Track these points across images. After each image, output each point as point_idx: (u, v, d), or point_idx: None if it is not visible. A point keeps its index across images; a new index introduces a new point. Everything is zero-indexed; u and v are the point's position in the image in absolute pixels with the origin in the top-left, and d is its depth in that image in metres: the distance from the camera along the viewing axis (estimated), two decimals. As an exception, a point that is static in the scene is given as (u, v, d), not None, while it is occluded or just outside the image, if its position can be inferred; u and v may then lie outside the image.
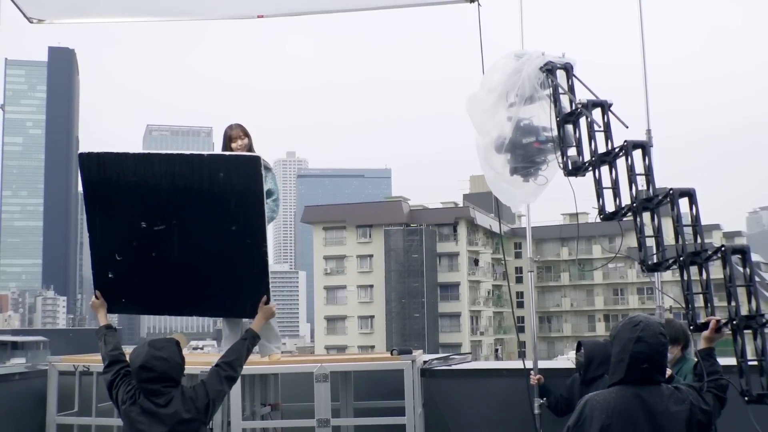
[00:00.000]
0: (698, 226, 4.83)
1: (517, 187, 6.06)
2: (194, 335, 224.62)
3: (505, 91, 5.91)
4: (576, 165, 5.58)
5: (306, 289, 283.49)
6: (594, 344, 6.42)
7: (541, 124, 5.85)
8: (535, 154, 5.89)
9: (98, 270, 4.83)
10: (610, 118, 5.44)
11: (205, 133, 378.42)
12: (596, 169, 5.37)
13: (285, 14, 8.20)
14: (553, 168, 5.94)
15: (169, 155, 4.60)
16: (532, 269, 7.82)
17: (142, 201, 4.64)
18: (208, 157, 4.59)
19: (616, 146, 5.26)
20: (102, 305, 4.87)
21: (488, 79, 6.11)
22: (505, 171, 5.98)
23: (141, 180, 4.59)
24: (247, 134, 7.13)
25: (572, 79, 5.83)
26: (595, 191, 5.38)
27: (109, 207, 4.70)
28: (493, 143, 5.97)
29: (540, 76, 5.84)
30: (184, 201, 4.60)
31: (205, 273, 4.75)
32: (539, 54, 5.94)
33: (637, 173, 5.11)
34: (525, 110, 5.87)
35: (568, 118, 5.68)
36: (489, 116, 5.99)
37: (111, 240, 4.76)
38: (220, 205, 4.59)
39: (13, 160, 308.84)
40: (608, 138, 5.39)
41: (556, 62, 5.86)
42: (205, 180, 4.55)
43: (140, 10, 8.01)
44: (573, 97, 5.70)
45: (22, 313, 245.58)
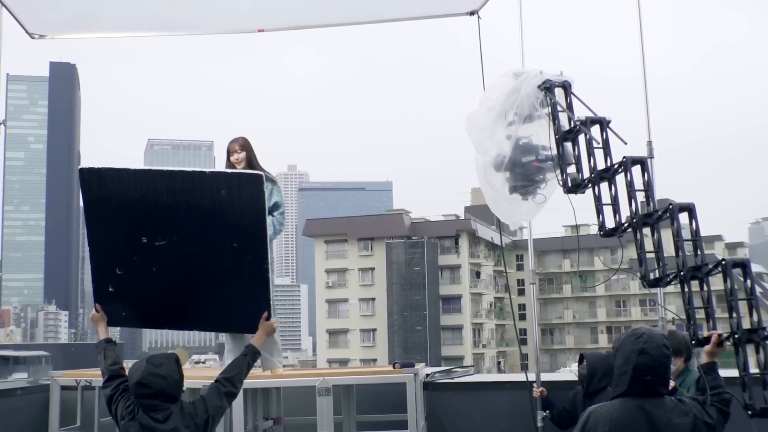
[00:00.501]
0: (698, 240, 4.84)
1: (516, 206, 6.10)
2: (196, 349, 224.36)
3: (504, 109, 5.95)
4: (575, 182, 5.61)
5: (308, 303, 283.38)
6: (596, 357, 6.40)
7: (540, 142, 5.89)
8: (534, 172, 5.93)
9: (98, 283, 4.83)
10: (608, 134, 5.46)
11: (206, 147, 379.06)
12: (596, 185, 5.39)
13: (285, 28, 8.23)
14: (551, 186, 5.98)
15: (170, 171, 4.60)
16: (534, 281, 7.81)
17: (143, 216, 4.63)
18: (210, 175, 4.59)
19: (615, 162, 5.28)
20: (102, 318, 4.86)
21: (487, 97, 6.14)
22: (504, 189, 6.02)
23: (142, 196, 4.58)
24: (246, 147, 7.13)
25: (570, 96, 5.86)
26: (595, 208, 5.40)
27: (110, 222, 4.69)
28: (492, 161, 6.00)
29: (538, 94, 5.88)
30: (185, 217, 4.60)
31: (205, 288, 4.74)
32: (537, 72, 5.98)
33: (636, 189, 5.13)
34: (524, 129, 5.91)
35: (567, 135, 5.71)
36: (488, 135, 6.02)
37: (111, 254, 4.75)
38: (221, 222, 4.58)
39: (14, 175, 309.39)
40: (607, 154, 5.42)
41: (555, 80, 5.89)
42: (207, 197, 4.55)
43: (141, 25, 8.04)
44: (571, 114, 5.74)
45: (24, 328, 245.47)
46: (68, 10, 7.62)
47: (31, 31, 7.68)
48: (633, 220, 5.09)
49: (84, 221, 4.76)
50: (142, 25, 8.04)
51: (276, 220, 7.06)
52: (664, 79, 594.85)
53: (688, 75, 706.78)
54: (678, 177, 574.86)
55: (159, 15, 7.82)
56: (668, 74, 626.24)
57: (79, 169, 4.65)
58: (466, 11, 7.76)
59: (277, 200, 7.09)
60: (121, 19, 7.84)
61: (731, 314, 4.58)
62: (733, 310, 4.59)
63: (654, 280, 5.02)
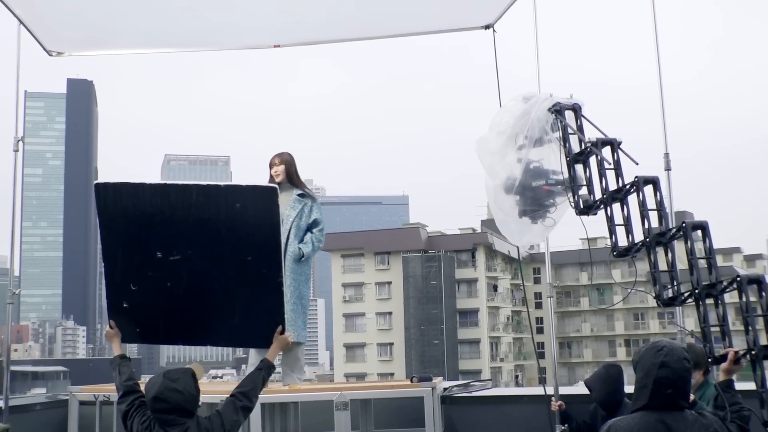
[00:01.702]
0: (712, 258, 4.85)
1: (526, 229, 6.14)
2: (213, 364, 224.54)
3: (514, 133, 6.00)
4: (587, 204, 5.65)
5: (325, 317, 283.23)
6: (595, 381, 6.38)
7: (551, 167, 5.93)
8: (543, 196, 5.97)
9: (113, 300, 4.83)
10: (620, 155, 5.49)
11: (222, 162, 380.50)
12: (608, 206, 5.41)
13: (301, 43, 8.26)
14: (561, 210, 6.02)
15: (185, 186, 4.61)
16: (552, 294, 7.78)
17: (157, 231, 4.64)
18: (224, 188, 4.60)
19: (627, 183, 5.31)
20: (116, 335, 4.86)
21: (497, 121, 6.19)
22: (514, 212, 6.07)
23: (157, 210, 4.59)
24: (287, 162, 7.30)
25: (581, 119, 5.90)
26: (608, 229, 5.41)
27: (125, 237, 4.70)
28: (502, 184, 6.04)
29: (549, 118, 5.92)
30: (200, 231, 4.60)
31: (220, 303, 4.74)
32: (547, 96, 6.03)
33: (649, 208, 5.14)
34: (534, 152, 5.95)
35: (578, 157, 5.75)
36: (498, 158, 6.07)
37: (126, 270, 4.76)
38: (236, 236, 4.59)
39: (32, 192, 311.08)
40: (619, 175, 5.46)
41: (565, 103, 5.94)
42: (222, 210, 4.56)
43: (157, 42, 8.09)
44: (582, 136, 5.77)
45: (42, 344, 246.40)
46: (85, 28, 7.67)
47: (48, 49, 7.72)
48: (646, 239, 5.10)
49: (100, 236, 4.77)
50: (159, 41, 8.09)
51: (314, 237, 7.16)
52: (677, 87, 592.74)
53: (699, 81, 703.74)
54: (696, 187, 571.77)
55: (175, 32, 7.86)
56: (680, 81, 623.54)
57: (95, 184, 4.66)
58: (481, 25, 7.76)
59: (316, 217, 7.21)
60: (137, 35, 7.88)
61: (747, 330, 4.57)
62: (749, 326, 4.57)
63: (668, 299, 5.03)
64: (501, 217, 6.19)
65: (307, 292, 7.25)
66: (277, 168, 7.26)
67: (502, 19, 7.65)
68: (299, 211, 7.18)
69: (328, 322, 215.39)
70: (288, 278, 6.81)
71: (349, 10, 7.63)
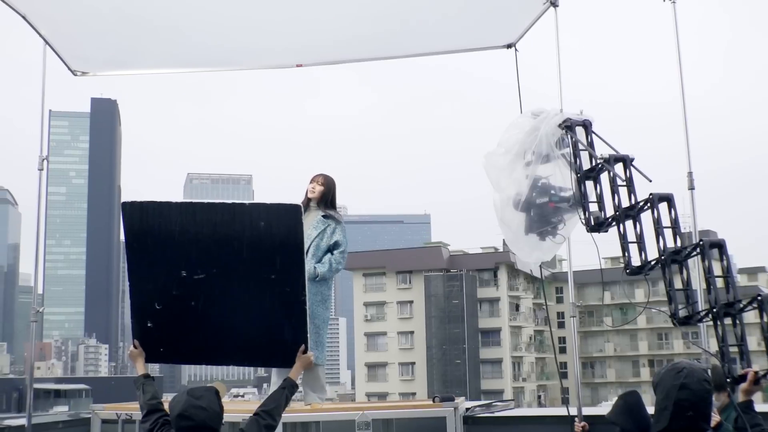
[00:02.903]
0: (730, 277, 4.81)
1: (535, 246, 6.13)
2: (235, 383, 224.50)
3: (523, 149, 5.99)
4: (598, 221, 5.61)
5: (346, 336, 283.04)
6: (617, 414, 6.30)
7: (558, 183, 5.91)
8: (550, 214, 5.95)
9: (137, 319, 4.85)
10: (632, 172, 5.46)
11: (245, 181, 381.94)
12: (620, 223, 5.38)
13: (323, 63, 8.30)
14: (570, 226, 6.00)
15: (210, 204, 4.64)
16: (574, 314, 7.73)
17: (182, 250, 4.66)
18: (249, 206, 4.62)
19: (640, 200, 5.28)
20: (140, 355, 4.88)
21: (506, 138, 6.19)
22: (521, 229, 6.05)
23: (182, 229, 4.62)
24: (327, 183, 7.32)
25: (591, 135, 5.87)
26: (620, 246, 5.38)
27: (150, 256, 4.73)
28: (510, 201, 6.04)
29: (557, 134, 5.90)
30: (224, 250, 4.63)
31: (244, 322, 4.75)
32: (557, 111, 6.03)
33: (663, 226, 5.11)
34: (542, 169, 5.94)
35: (588, 174, 5.73)
36: (506, 174, 6.07)
37: (151, 289, 4.78)
38: (259, 254, 4.60)
39: (56, 210, 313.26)
40: (631, 192, 5.42)
41: (575, 119, 5.91)
42: (246, 228, 4.58)
43: (180, 62, 8.16)
44: (593, 152, 5.74)
45: (65, 361, 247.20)
46: (109, 48, 7.75)
47: (73, 68, 7.80)
48: (661, 257, 5.06)
49: (125, 255, 4.80)
50: (181, 61, 8.16)
51: (334, 259, 7.16)
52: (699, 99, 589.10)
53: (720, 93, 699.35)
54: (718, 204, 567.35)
55: (197, 51, 7.92)
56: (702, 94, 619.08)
57: (122, 203, 4.70)
58: (503, 44, 7.77)
59: (338, 239, 7.22)
60: (160, 55, 7.95)
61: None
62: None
63: (684, 318, 4.99)
64: (509, 234, 6.20)
65: (324, 313, 7.22)
66: (315, 186, 7.29)
67: (524, 38, 7.66)
68: (321, 232, 7.20)
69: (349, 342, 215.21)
70: None
71: (371, 29, 7.67)
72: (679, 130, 6.73)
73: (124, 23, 7.30)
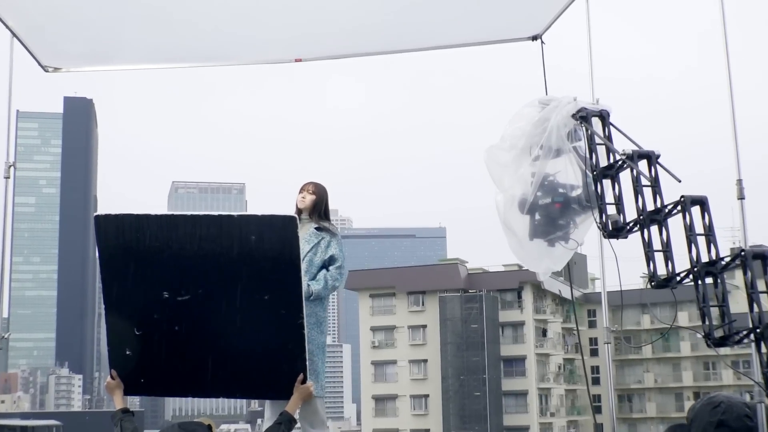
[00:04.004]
0: None
1: (542, 254, 6.07)
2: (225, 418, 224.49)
3: (529, 143, 5.94)
4: (617, 225, 5.55)
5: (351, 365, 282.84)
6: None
7: (569, 181, 5.85)
8: (557, 215, 5.89)
9: (114, 346, 4.85)
10: (658, 170, 5.40)
11: (236, 190, 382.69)
12: (645, 229, 5.32)
13: (326, 57, 8.30)
14: (583, 230, 5.94)
15: (194, 216, 4.64)
16: (609, 340, 7.70)
17: (164, 268, 4.67)
18: (238, 218, 4.62)
19: (669, 203, 5.23)
20: (118, 386, 4.88)
21: (510, 130, 6.13)
22: (526, 234, 5.99)
23: (163, 245, 4.62)
24: (318, 192, 7.34)
25: (609, 127, 5.80)
26: (645, 255, 5.33)
27: (128, 275, 4.73)
28: (514, 202, 5.98)
29: (570, 125, 5.84)
30: (211, 267, 4.63)
31: (234, 349, 4.75)
32: (570, 99, 5.94)
33: (697, 233, 5.06)
34: (551, 165, 5.88)
35: (606, 171, 5.66)
36: (511, 171, 6.02)
37: (129, 312, 4.79)
38: (251, 272, 4.61)
39: (24, 223, 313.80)
40: (656, 194, 5.36)
41: (591, 109, 5.84)
42: (235, 243, 4.58)
43: (167, 56, 8.16)
44: (613, 147, 5.68)
45: (33, 394, 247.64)
46: (86, 41, 7.74)
47: (44, 64, 7.81)
48: (694, 269, 5.01)
49: (100, 275, 4.80)
50: (168, 56, 8.16)
51: (329, 275, 7.17)
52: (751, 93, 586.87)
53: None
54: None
55: (185, 45, 7.93)
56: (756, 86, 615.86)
57: (95, 216, 4.70)
58: (528, 36, 7.78)
59: (333, 253, 7.23)
60: (143, 49, 7.96)
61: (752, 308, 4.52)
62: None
63: (720, 339, 4.94)
64: (513, 239, 6.14)
65: (319, 337, 7.22)
66: (306, 195, 7.32)
67: (551, 29, 7.66)
68: (314, 246, 7.22)
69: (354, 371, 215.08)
70: None
71: (379, 19, 7.67)
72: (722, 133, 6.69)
73: (102, 12, 7.30)
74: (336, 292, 7.88)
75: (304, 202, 7.31)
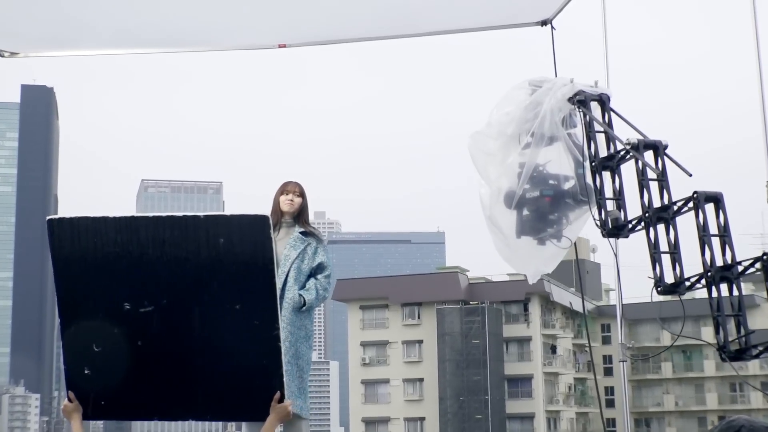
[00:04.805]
0: None
1: (531, 254, 6.02)
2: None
3: (519, 130, 5.89)
4: (618, 223, 5.50)
5: (339, 384, 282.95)
6: None
7: (562, 171, 5.81)
8: (548, 210, 5.84)
9: (71, 365, 4.82)
10: (665, 163, 5.37)
11: (213, 190, 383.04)
12: (650, 228, 5.28)
13: (312, 43, 8.30)
14: (577, 226, 5.90)
15: (156, 218, 4.62)
16: (625, 358, 7.71)
17: (125, 277, 4.64)
18: (205, 219, 4.60)
19: (678, 199, 5.20)
20: (77, 410, 4.85)
21: (498, 115, 6.09)
22: (512, 231, 5.94)
23: (123, 251, 4.60)
24: (303, 193, 7.41)
25: (609, 113, 5.76)
26: (650, 257, 5.30)
27: (85, 285, 4.71)
28: (501, 195, 5.93)
29: (565, 110, 5.79)
30: (175, 275, 4.61)
31: (203, 365, 4.73)
32: (566, 81, 5.89)
33: (711, 234, 5.04)
34: (543, 153, 5.83)
35: (606, 162, 5.61)
36: (497, 161, 5.97)
37: (87, 326, 4.76)
38: (220, 279, 4.59)
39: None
40: (664, 188, 5.32)
41: (589, 92, 5.79)
42: (202, 247, 4.56)
43: (135, 40, 8.14)
44: (615, 135, 5.63)
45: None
46: (47, 22, 7.71)
47: (0, 49, 7.80)
48: (707, 273, 4.99)
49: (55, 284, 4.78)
50: (137, 39, 8.13)
51: (319, 284, 7.27)
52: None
53: None
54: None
55: (161, 28, 7.90)
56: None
57: (48, 220, 4.68)
58: (537, 20, 7.78)
59: (322, 261, 7.34)
60: (113, 32, 7.93)
61: None
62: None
63: (736, 351, 4.93)
64: (499, 237, 6.09)
65: (308, 353, 7.28)
66: (294, 198, 7.33)
67: (562, 13, 7.66)
68: (301, 252, 7.25)
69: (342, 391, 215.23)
70: (284, 331, 6.84)
71: (372, 1, 7.66)
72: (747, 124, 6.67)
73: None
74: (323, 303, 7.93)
75: (292, 205, 7.32)
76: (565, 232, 5.92)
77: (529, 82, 6.04)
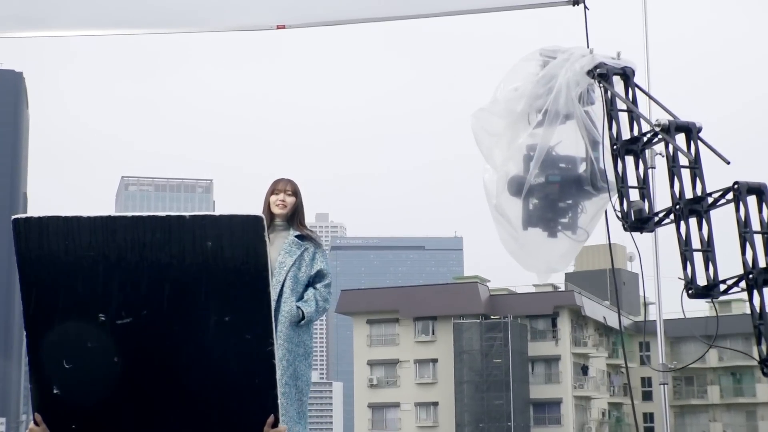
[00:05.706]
0: None
1: (539, 247, 5.98)
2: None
3: (528, 108, 5.85)
4: (641, 215, 5.46)
5: (343, 407, 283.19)
6: None
7: (578, 153, 5.78)
8: (558, 196, 5.81)
9: (39, 384, 4.82)
10: (699, 147, 5.34)
11: (202, 189, 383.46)
12: (681, 222, 5.24)
13: (314, 24, 8.30)
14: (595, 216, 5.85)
15: (136, 218, 4.62)
16: (667, 381, 7.71)
17: (100, 284, 4.65)
18: (190, 220, 4.59)
19: (714, 190, 5.18)
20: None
21: (505, 91, 6.05)
22: (519, 222, 5.91)
23: (98, 254, 4.60)
24: (297, 192, 7.43)
25: (633, 89, 5.72)
26: (681, 255, 5.26)
27: (54, 293, 4.71)
28: (507, 182, 5.89)
29: (583, 84, 5.74)
30: (158, 282, 4.61)
31: (189, 384, 4.73)
32: (585, 51, 5.83)
33: (754, 230, 5.02)
34: (557, 133, 5.79)
35: (629, 146, 5.56)
36: (504, 142, 5.94)
37: (56, 341, 4.76)
38: (207, 287, 4.58)
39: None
40: (697, 177, 5.29)
41: (612, 65, 5.75)
42: (188, 252, 4.56)
43: (115, 20, 8.14)
44: (640, 113, 5.59)
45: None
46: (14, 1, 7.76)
47: (-39, 28, 7.83)
48: (749, 275, 4.97)
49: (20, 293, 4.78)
50: (118, 19, 8.13)
51: (319, 294, 7.26)
52: None
53: None
54: None
55: (145, 7, 7.92)
56: None
57: (13, 219, 4.68)
58: (569, 0, 7.77)
59: (321, 268, 7.36)
60: (87, 10, 7.94)
61: None
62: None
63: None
64: (506, 229, 6.05)
65: (307, 372, 7.27)
66: (286, 197, 7.32)
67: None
68: (298, 258, 7.25)
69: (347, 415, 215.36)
70: (281, 348, 6.85)
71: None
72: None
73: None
74: (325, 316, 7.91)
75: (285, 206, 7.31)
76: (580, 223, 5.86)
77: (541, 52, 5.96)
